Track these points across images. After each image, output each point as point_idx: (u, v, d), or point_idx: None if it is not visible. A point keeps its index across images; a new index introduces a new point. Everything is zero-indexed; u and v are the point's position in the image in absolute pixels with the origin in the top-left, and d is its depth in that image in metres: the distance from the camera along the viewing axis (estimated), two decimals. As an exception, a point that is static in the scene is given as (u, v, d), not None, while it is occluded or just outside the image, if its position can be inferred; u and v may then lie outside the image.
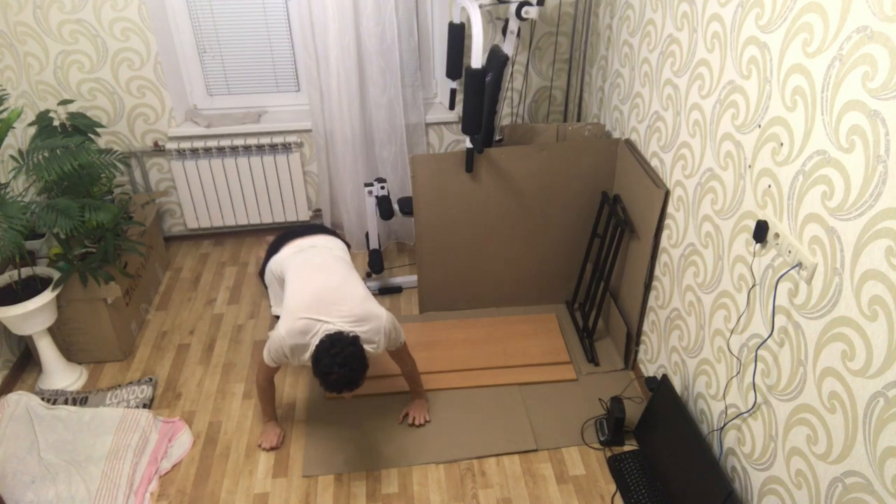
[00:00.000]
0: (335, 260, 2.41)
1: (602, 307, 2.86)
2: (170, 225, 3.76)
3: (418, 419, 2.57)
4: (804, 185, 1.63)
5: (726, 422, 2.09)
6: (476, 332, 3.01)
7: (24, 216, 2.25)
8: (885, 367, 1.39)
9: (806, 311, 1.65)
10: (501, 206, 2.91)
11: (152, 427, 2.52)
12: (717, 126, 2.04)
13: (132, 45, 3.14)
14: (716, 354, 2.14)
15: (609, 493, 2.33)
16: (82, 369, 2.86)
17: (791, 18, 1.64)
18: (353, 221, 3.59)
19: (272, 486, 2.37)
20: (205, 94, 3.49)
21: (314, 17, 3.06)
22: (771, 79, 1.74)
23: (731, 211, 1.99)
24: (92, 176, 2.66)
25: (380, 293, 3.37)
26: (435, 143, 3.61)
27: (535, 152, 2.81)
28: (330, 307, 2.18)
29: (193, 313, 3.25)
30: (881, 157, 1.37)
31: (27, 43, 3.07)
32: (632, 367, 2.85)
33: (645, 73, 2.58)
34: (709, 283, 2.16)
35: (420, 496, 2.32)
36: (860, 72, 1.41)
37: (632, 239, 2.71)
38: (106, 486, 2.27)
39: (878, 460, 1.43)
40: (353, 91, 3.18)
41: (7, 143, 2.86)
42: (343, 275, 2.32)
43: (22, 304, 2.47)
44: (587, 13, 3.18)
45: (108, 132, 3.37)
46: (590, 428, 2.56)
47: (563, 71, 3.45)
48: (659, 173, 2.50)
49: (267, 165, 3.49)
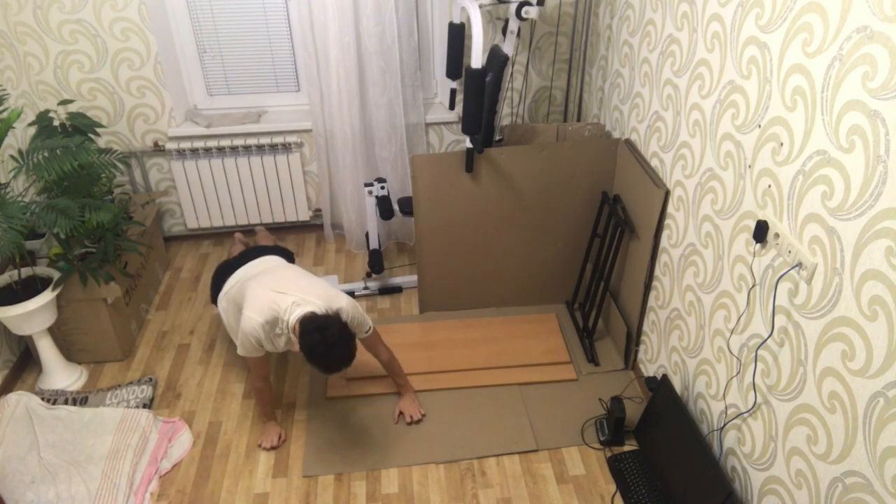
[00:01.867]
0: (283, 264, 2.50)
1: (602, 307, 2.86)
2: (170, 225, 3.76)
3: (414, 415, 2.57)
4: (804, 185, 1.63)
5: (726, 422, 2.09)
6: (476, 333, 3.01)
7: (24, 216, 2.25)
8: (885, 367, 1.39)
9: (806, 311, 1.65)
10: (501, 206, 2.91)
11: (152, 427, 2.52)
12: (717, 126, 2.04)
13: (132, 45, 3.14)
14: (716, 354, 2.14)
15: (609, 493, 2.33)
16: (82, 369, 2.86)
17: (791, 18, 1.64)
18: (353, 221, 3.59)
19: (272, 486, 2.37)
20: (205, 94, 3.49)
21: (314, 17, 3.07)
22: (771, 79, 1.74)
23: (731, 211, 1.99)
24: (92, 176, 2.66)
25: (380, 293, 3.37)
26: (435, 143, 3.61)
27: (535, 152, 2.81)
28: (290, 286, 2.23)
29: (193, 313, 3.25)
30: (881, 157, 1.37)
31: (27, 43, 3.07)
32: (632, 367, 2.85)
33: (645, 73, 2.59)
34: (709, 283, 2.16)
35: (420, 496, 2.32)
36: (860, 72, 1.41)
37: (632, 239, 2.71)
38: (106, 486, 2.27)
39: (878, 460, 1.43)
40: (353, 91, 3.18)
41: (7, 143, 2.86)
42: (295, 270, 2.41)
43: (22, 304, 2.47)
44: (587, 13, 3.18)
45: (108, 132, 3.38)
46: (590, 428, 2.56)
47: (563, 71, 3.45)
48: (659, 173, 2.50)
49: (267, 165, 3.50)
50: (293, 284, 2.27)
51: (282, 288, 2.24)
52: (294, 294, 2.21)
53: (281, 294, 2.22)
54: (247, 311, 2.21)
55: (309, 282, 2.32)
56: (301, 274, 2.39)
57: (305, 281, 2.32)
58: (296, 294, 2.21)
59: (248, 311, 2.21)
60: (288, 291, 2.22)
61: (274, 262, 2.54)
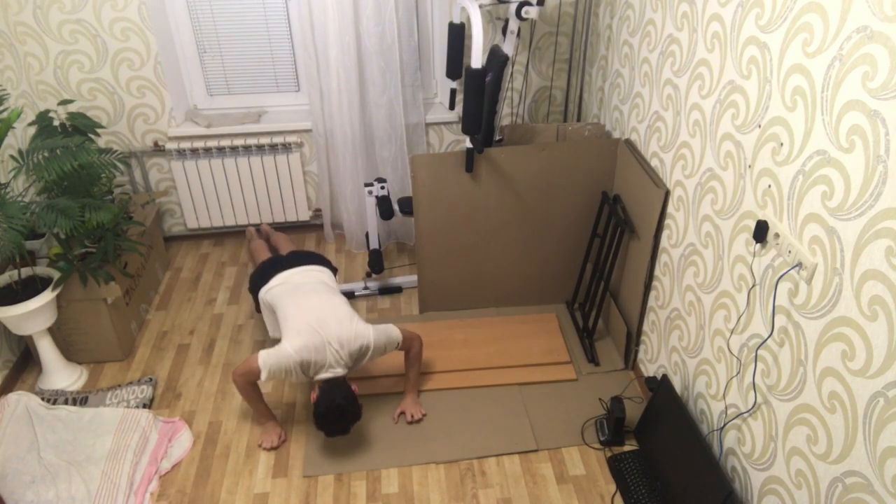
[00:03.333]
0: (323, 286, 2.56)
1: (602, 307, 2.86)
2: (170, 225, 3.76)
3: (415, 415, 2.57)
4: (804, 185, 1.63)
5: (726, 422, 2.09)
6: (476, 333, 3.01)
7: (24, 216, 2.25)
8: (885, 367, 1.39)
9: (806, 311, 1.65)
10: (501, 206, 2.91)
11: (152, 427, 2.52)
12: (717, 126, 2.04)
13: (132, 45, 3.14)
14: (716, 354, 2.14)
15: (609, 493, 2.33)
16: (82, 369, 2.86)
17: (791, 18, 1.64)
18: (353, 221, 3.59)
19: (272, 486, 2.37)
20: (205, 94, 3.49)
21: (314, 17, 3.07)
22: (771, 79, 1.74)
23: (731, 211, 1.99)
24: (92, 176, 2.66)
25: (380, 293, 3.37)
26: (435, 143, 3.61)
27: (535, 152, 2.81)
28: (327, 325, 2.32)
29: (193, 313, 3.25)
30: (881, 157, 1.37)
31: (27, 43, 3.07)
32: (632, 367, 2.85)
33: (645, 73, 2.59)
34: (709, 283, 2.16)
35: (420, 496, 2.32)
36: (860, 72, 1.41)
37: (632, 239, 2.71)
38: (106, 486, 2.27)
39: (878, 460, 1.43)
40: (353, 91, 3.18)
41: (7, 143, 2.86)
42: (329, 299, 2.46)
43: (22, 304, 2.47)
44: (587, 13, 3.18)
45: (108, 132, 3.38)
46: (590, 428, 2.56)
47: (563, 71, 3.45)
48: (659, 173, 2.50)
49: (267, 165, 3.50)
50: (330, 321, 2.34)
51: (320, 326, 2.32)
52: (332, 344, 2.30)
53: (318, 335, 2.30)
54: (286, 344, 2.28)
55: (345, 315, 2.39)
56: (337, 305, 2.43)
57: (342, 312, 2.39)
58: (333, 345, 2.30)
59: (288, 344, 2.28)
60: (323, 332, 2.30)
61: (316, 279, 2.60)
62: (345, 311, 2.41)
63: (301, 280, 2.58)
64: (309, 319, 2.34)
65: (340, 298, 2.50)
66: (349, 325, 2.35)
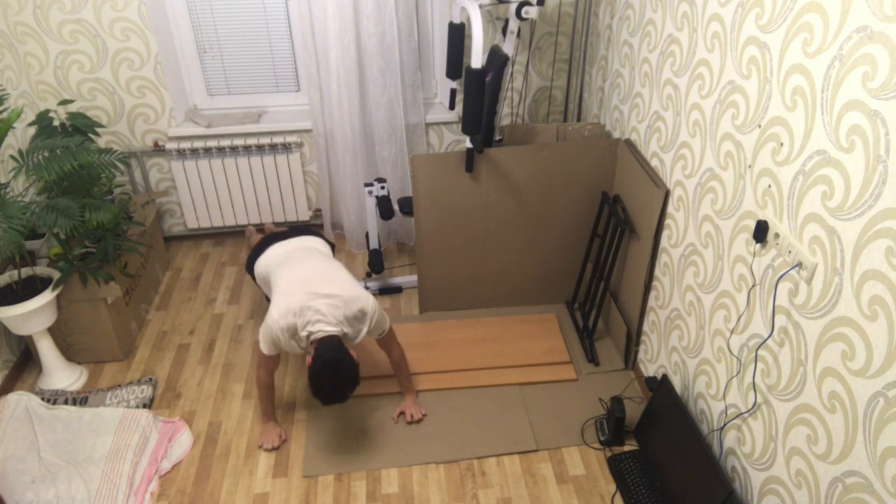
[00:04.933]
0: (317, 252, 2.51)
1: (602, 307, 2.86)
2: (170, 225, 3.76)
3: (415, 415, 2.57)
4: (804, 185, 1.63)
5: (726, 422, 2.09)
6: (476, 332, 3.01)
7: (24, 216, 2.25)
8: (885, 367, 1.39)
9: (806, 311, 1.65)
10: (501, 206, 2.91)
11: (152, 427, 2.52)
12: (717, 126, 2.04)
13: (132, 45, 3.14)
14: (716, 354, 2.14)
15: (609, 493, 2.33)
16: (82, 369, 2.86)
17: (791, 18, 1.64)
18: (353, 221, 3.59)
19: (272, 486, 2.37)
20: (205, 94, 3.49)
21: (314, 17, 3.07)
22: (771, 79, 1.74)
23: (731, 211, 1.99)
24: (92, 176, 2.66)
25: (380, 293, 3.37)
26: (435, 143, 3.61)
27: (535, 152, 2.81)
28: (319, 285, 2.24)
29: (193, 313, 3.25)
30: (881, 157, 1.37)
31: (27, 43, 3.07)
32: (632, 367, 2.85)
33: (645, 73, 2.59)
34: (709, 283, 2.16)
35: (420, 496, 2.32)
36: (860, 72, 1.41)
37: (632, 239, 2.71)
38: (106, 486, 2.27)
39: (878, 460, 1.43)
40: (353, 91, 3.18)
41: (7, 143, 2.86)
42: (325, 261, 2.41)
43: (22, 304, 2.47)
44: (587, 13, 3.18)
45: (108, 132, 3.38)
46: (590, 428, 2.56)
47: (563, 71, 3.45)
48: (659, 173, 2.50)
49: (267, 165, 3.50)
50: (324, 281, 2.26)
51: (312, 286, 2.23)
52: (320, 299, 2.20)
53: (309, 295, 2.20)
54: (272, 310, 2.22)
55: (339, 277, 2.32)
56: (334, 268, 2.38)
57: (336, 276, 2.32)
58: (322, 300, 2.20)
59: (274, 309, 2.21)
60: (317, 290, 2.22)
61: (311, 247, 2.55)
62: (344, 274, 2.35)
63: (297, 247, 2.54)
64: (301, 280, 2.27)
65: (338, 264, 2.45)
66: (349, 287, 2.28)
